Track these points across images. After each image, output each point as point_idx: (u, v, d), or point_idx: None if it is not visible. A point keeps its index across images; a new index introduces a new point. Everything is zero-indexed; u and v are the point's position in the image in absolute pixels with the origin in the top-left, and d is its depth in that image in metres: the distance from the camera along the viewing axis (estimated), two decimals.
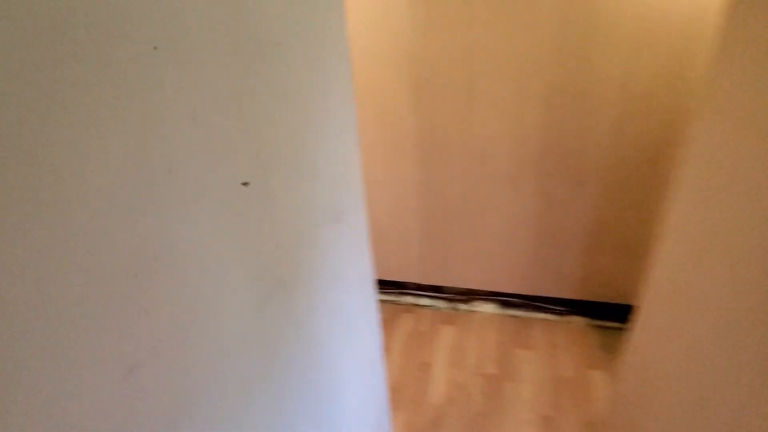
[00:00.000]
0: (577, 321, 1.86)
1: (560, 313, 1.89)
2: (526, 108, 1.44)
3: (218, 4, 0.34)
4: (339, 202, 0.56)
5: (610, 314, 1.80)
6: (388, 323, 1.99)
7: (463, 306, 2.02)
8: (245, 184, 0.36)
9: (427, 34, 1.41)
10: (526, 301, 1.92)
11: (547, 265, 1.73)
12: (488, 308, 1.98)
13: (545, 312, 1.91)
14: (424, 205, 1.76)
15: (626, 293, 1.69)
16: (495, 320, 1.94)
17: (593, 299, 1.76)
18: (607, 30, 1.26)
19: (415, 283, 2.06)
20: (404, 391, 1.68)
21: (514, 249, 1.74)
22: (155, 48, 0.29)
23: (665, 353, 0.97)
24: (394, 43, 1.45)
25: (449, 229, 1.79)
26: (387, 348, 1.85)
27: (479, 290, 1.96)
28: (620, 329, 1.80)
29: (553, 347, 1.77)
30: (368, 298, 0.76)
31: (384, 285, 2.14)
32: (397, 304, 2.12)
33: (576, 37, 1.30)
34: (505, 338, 1.84)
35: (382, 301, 2.14)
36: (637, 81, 1.30)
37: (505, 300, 1.96)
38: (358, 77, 1.55)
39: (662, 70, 1.27)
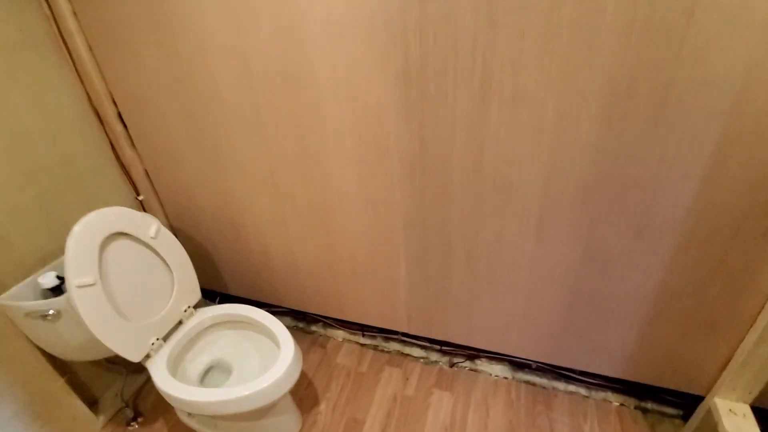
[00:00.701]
0: (615, 399, 1.39)
1: (592, 387, 1.42)
2: (572, 117, 0.92)
3: None
4: None
5: (660, 396, 1.33)
6: (367, 380, 1.55)
7: (463, 362, 1.56)
8: None
9: None
10: (547, 367, 1.45)
11: (581, 335, 1.25)
12: (496, 370, 1.52)
13: (572, 382, 1.44)
14: (415, 240, 1.27)
15: (694, 381, 1.20)
16: (504, 387, 1.48)
17: (642, 381, 1.28)
18: None
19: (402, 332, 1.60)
20: None
21: (536, 309, 1.26)
22: None
23: None
24: (374, 4, 0.94)
25: (448, 274, 1.31)
26: (362, 421, 1.42)
27: (485, 350, 1.49)
28: (673, 417, 1.33)
29: None
30: None
31: (365, 327, 1.69)
32: (381, 351, 1.67)
33: (676, 2, 0.76)
34: (518, 418, 1.38)
35: (363, 346, 1.70)
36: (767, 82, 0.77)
37: (519, 362, 1.49)
38: (323, 55, 1.04)
39: None
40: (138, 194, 1.57)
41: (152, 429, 1.47)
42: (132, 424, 1.47)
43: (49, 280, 1.16)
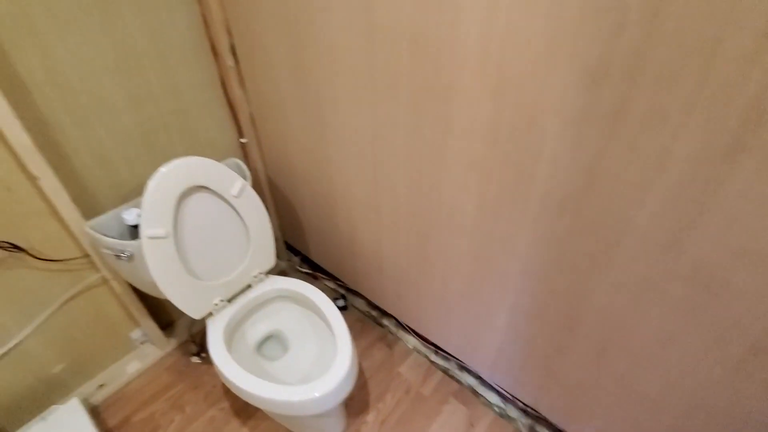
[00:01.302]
0: None
1: None
2: None
3: None
4: None
5: None
6: (426, 406, 1.34)
7: None
8: None
9: None
10: None
11: None
12: None
13: None
14: (530, 293, 0.93)
15: None
16: None
17: None
18: None
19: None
20: None
21: None
22: None
23: None
24: None
25: (563, 348, 0.95)
26: None
27: None
28: None
29: None
30: None
31: (442, 349, 1.44)
32: (452, 378, 1.42)
33: None
34: None
35: (433, 364, 1.46)
36: None
37: None
38: (476, 13, 0.70)
39: None
40: (241, 136, 1.47)
41: (210, 368, 1.48)
42: (195, 357, 1.50)
43: (132, 217, 1.12)
